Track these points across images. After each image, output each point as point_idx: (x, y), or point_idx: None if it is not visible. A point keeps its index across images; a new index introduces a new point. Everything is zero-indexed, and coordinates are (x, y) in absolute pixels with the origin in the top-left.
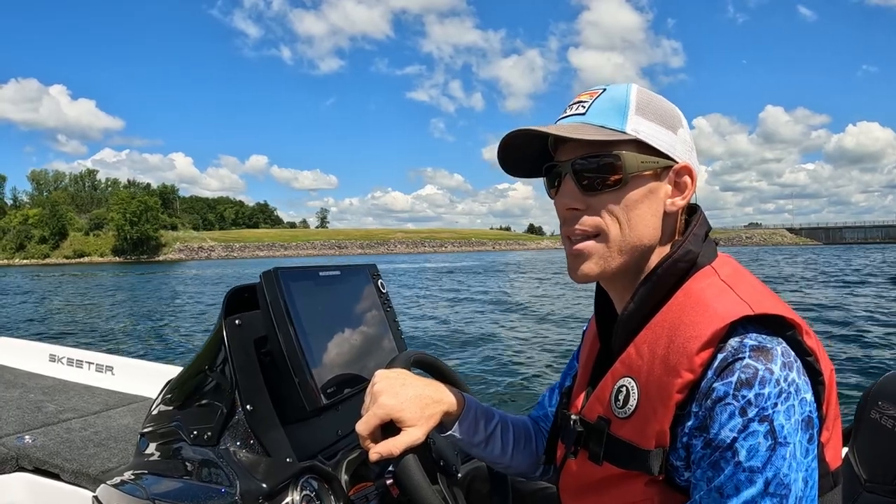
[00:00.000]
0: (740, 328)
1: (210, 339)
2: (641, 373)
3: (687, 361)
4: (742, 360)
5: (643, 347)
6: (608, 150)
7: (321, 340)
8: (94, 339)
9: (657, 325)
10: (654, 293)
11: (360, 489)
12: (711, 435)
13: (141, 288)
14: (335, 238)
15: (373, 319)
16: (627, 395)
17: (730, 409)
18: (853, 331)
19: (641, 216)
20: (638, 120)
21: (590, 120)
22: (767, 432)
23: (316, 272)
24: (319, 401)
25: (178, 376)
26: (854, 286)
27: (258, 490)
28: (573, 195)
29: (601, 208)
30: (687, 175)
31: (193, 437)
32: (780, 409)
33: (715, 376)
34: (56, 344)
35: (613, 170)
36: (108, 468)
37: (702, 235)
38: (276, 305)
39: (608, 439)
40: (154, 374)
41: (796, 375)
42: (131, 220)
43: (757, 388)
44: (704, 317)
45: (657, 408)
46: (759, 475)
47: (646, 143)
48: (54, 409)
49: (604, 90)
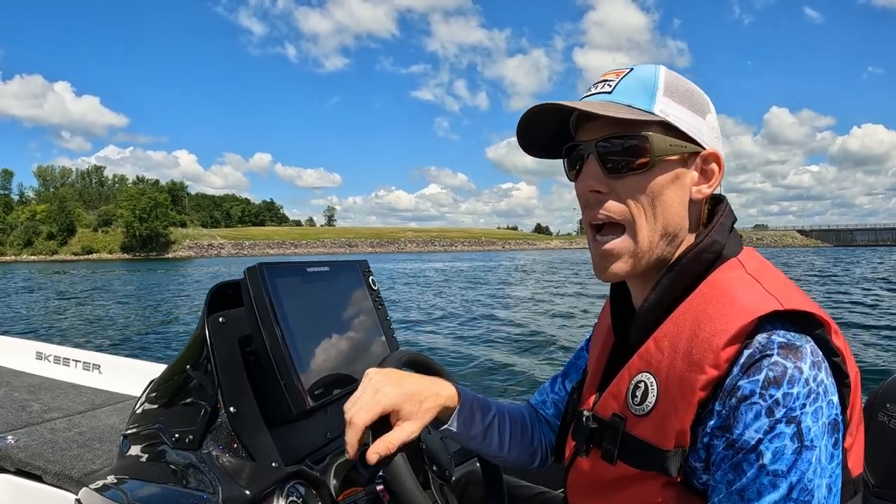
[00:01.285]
0: (768, 324)
1: (193, 337)
2: (661, 368)
3: (712, 357)
4: (770, 358)
5: (663, 341)
6: (636, 131)
7: (309, 339)
8: (94, 338)
9: (679, 317)
10: (677, 284)
11: (349, 494)
12: (735, 435)
13: (150, 284)
14: (345, 236)
15: (363, 318)
16: (646, 392)
17: (756, 408)
18: (858, 332)
19: (667, 203)
20: (666, 101)
21: (616, 98)
22: (794, 434)
23: (303, 268)
24: (306, 403)
25: (161, 376)
26: (860, 287)
27: (242, 497)
28: (597, 177)
29: (626, 193)
30: (714, 162)
31: (175, 440)
32: (808, 410)
33: (741, 373)
34: (43, 341)
35: (640, 152)
36: (91, 470)
37: (728, 226)
38: (260, 303)
39: (623, 437)
40: (142, 373)
41: (825, 376)
42: (141, 217)
43: (785, 388)
44: (731, 310)
45: (678, 405)
46: (783, 479)
47: (674, 126)
48: (39, 409)
49: (631, 69)
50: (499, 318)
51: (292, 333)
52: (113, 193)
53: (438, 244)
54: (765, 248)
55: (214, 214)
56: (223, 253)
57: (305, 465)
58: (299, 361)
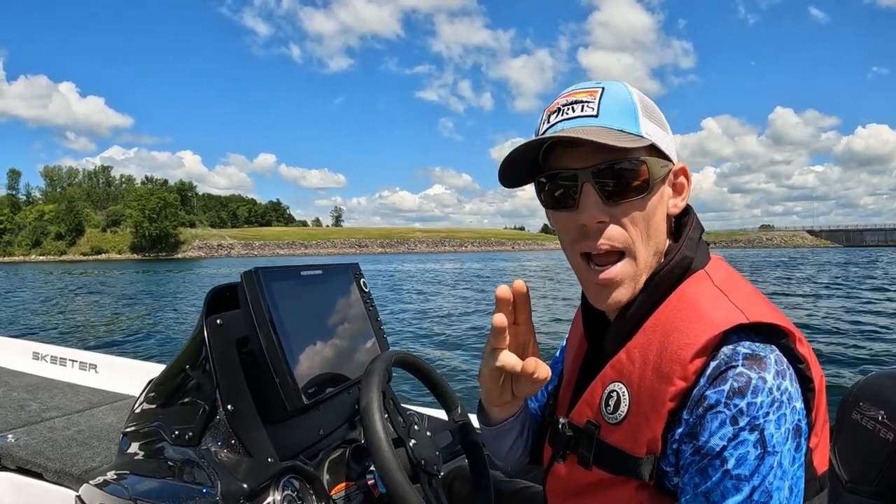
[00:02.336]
0: (734, 336)
1: (191, 338)
2: (633, 379)
3: (680, 369)
4: (735, 369)
5: (635, 353)
6: (633, 156)
7: (302, 340)
8: (105, 339)
9: (650, 329)
10: (649, 300)
11: (342, 489)
12: (701, 442)
13: (161, 284)
14: (355, 237)
15: (355, 319)
16: (618, 401)
17: (721, 417)
18: (834, 332)
19: (657, 224)
20: (647, 123)
21: (606, 123)
22: (757, 441)
23: (297, 272)
24: (300, 401)
25: (161, 376)
26: (837, 289)
27: (239, 490)
28: (598, 206)
29: (624, 219)
30: (683, 175)
31: (175, 436)
32: (771, 418)
33: (707, 384)
34: (40, 342)
35: (639, 176)
36: (91, 467)
37: (696, 239)
38: (256, 305)
39: (598, 444)
40: (138, 373)
41: (789, 384)
42: (150, 217)
43: (749, 398)
44: (698, 324)
45: (649, 415)
46: (745, 483)
47: (656, 147)
48: (37, 408)
49: (603, 88)
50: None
51: (287, 334)
52: (121, 194)
53: (448, 244)
54: (775, 248)
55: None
56: (233, 253)
57: (300, 460)
58: (294, 361)
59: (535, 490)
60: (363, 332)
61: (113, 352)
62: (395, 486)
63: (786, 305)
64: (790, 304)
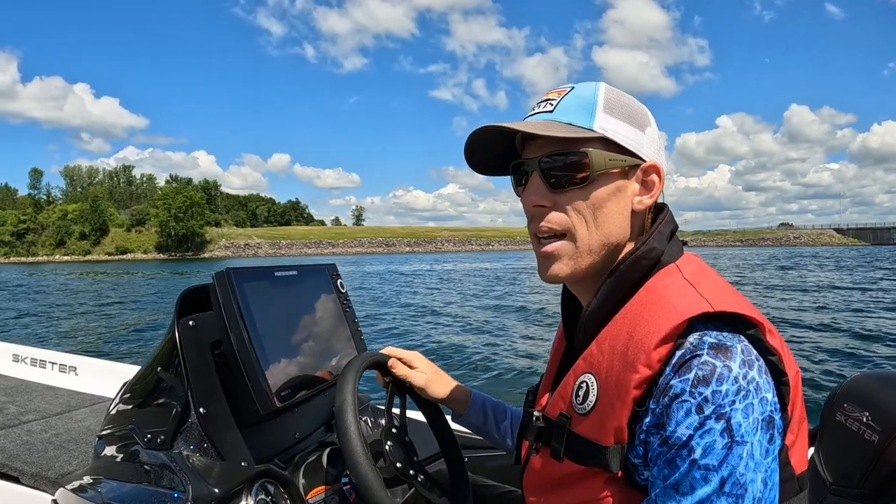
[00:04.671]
0: (700, 325)
1: (164, 340)
2: (601, 368)
3: (644, 357)
4: (700, 357)
5: (604, 344)
6: (575, 148)
7: (276, 342)
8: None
9: (618, 321)
10: (616, 290)
11: (318, 493)
12: (668, 432)
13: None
14: (382, 235)
15: (331, 321)
16: (587, 391)
17: (686, 406)
18: (818, 333)
19: (609, 214)
20: (605, 118)
21: (557, 117)
22: (724, 430)
23: (271, 272)
24: (273, 404)
25: (134, 378)
26: (820, 290)
27: (211, 495)
28: (540, 192)
29: (568, 206)
30: (654, 174)
31: (147, 440)
32: (737, 406)
33: (672, 373)
34: (21, 344)
35: (580, 167)
36: (67, 471)
37: (667, 233)
38: (228, 306)
39: (569, 436)
40: (118, 374)
41: (756, 374)
42: (176, 216)
43: (714, 386)
44: (663, 312)
45: (615, 403)
46: (714, 473)
47: (613, 141)
48: (15, 411)
49: (572, 88)
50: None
51: (260, 336)
52: (143, 193)
53: (475, 244)
54: (802, 246)
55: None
56: (260, 253)
57: (274, 464)
58: (267, 364)
59: (516, 494)
60: (339, 334)
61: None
62: (368, 491)
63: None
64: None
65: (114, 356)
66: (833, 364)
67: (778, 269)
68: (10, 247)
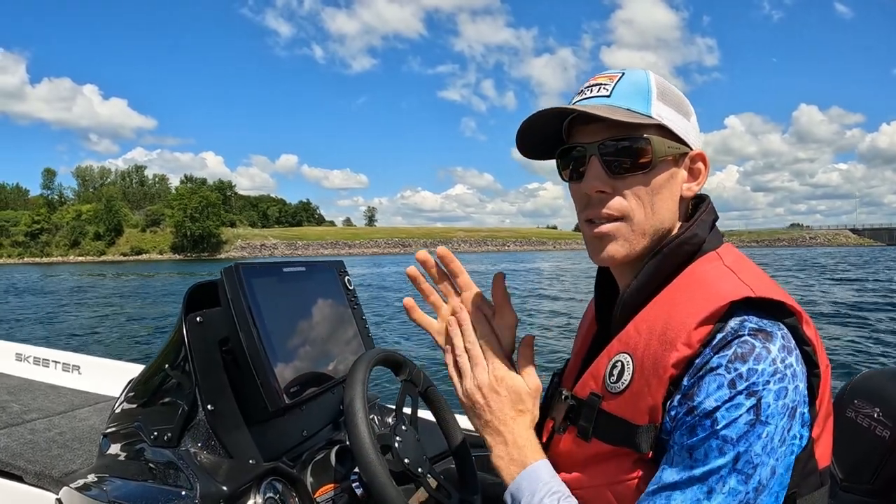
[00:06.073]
0: (740, 310)
1: (171, 337)
2: (638, 348)
3: (685, 336)
4: (741, 338)
5: (642, 325)
6: (638, 133)
7: (285, 339)
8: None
9: (658, 303)
10: (658, 272)
11: (326, 491)
12: (695, 402)
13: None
14: (398, 236)
15: (339, 317)
16: (622, 370)
17: (719, 379)
18: (828, 329)
19: (664, 200)
20: (660, 105)
21: (616, 102)
22: (752, 407)
23: (280, 268)
24: (281, 401)
25: (140, 375)
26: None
27: (219, 493)
28: (600, 178)
29: (628, 191)
30: (701, 161)
31: (154, 437)
32: (771, 388)
33: (712, 353)
34: (24, 343)
35: (642, 153)
36: (71, 470)
37: (709, 222)
38: (237, 302)
39: (599, 415)
40: (121, 373)
41: (794, 361)
42: (192, 216)
43: (751, 363)
44: (706, 295)
45: (651, 382)
46: (731, 447)
47: (668, 129)
48: (19, 410)
49: (623, 74)
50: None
51: (268, 333)
52: (157, 193)
53: (490, 244)
54: (818, 246)
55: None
56: (276, 253)
57: (283, 461)
58: (275, 360)
59: None
60: (347, 331)
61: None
62: (379, 489)
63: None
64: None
65: (119, 356)
66: (844, 360)
67: (818, 269)
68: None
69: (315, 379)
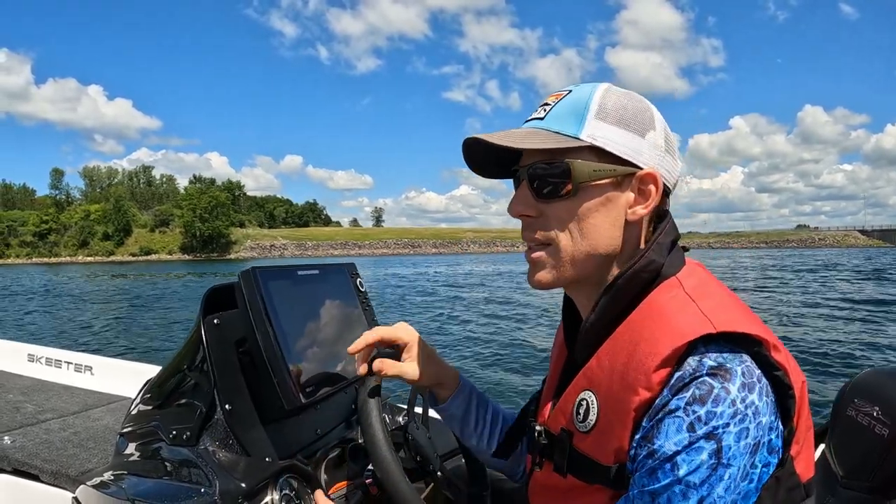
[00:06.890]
0: (700, 346)
1: (189, 338)
2: (602, 387)
3: (645, 379)
4: (699, 379)
5: (604, 360)
6: (560, 158)
7: (300, 340)
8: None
9: (619, 337)
10: (614, 304)
11: (340, 488)
12: (655, 446)
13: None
14: (407, 237)
15: (352, 318)
16: (588, 410)
17: (678, 422)
18: (829, 328)
19: (595, 226)
20: (597, 124)
21: (547, 125)
22: (714, 451)
23: (294, 271)
24: (298, 400)
25: (158, 376)
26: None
27: (237, 490)
28: (526, 201)
29: (552, 217)
30: (651, 183)
31: (172, 437)
32: (731, 430)
33: (670, 395)
34: (36, 344)
35: (564, 179)
36: (87, 469)
37: (667, 244)
38: (254, 305)
39: (571, 452)
40: (134, 374)
41: (756, 397)
42: (201, 217)
43: (710, 406)
44: (664, 333)
45: (615, 424)
46: (694, 492)
47: (604, 150)
48: (33, 410)
49: (569, 92)
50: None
51: (284, 334)
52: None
53: (500, 245)
54: (828, 248)
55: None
56: (286, 254)
57: (298, 459)
58: (291, 360)
59: None
60: (359, 332)
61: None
62: (393, 486)
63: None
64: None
65: (132, 357)
66: (844, 359)
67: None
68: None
69: (328, 379)
